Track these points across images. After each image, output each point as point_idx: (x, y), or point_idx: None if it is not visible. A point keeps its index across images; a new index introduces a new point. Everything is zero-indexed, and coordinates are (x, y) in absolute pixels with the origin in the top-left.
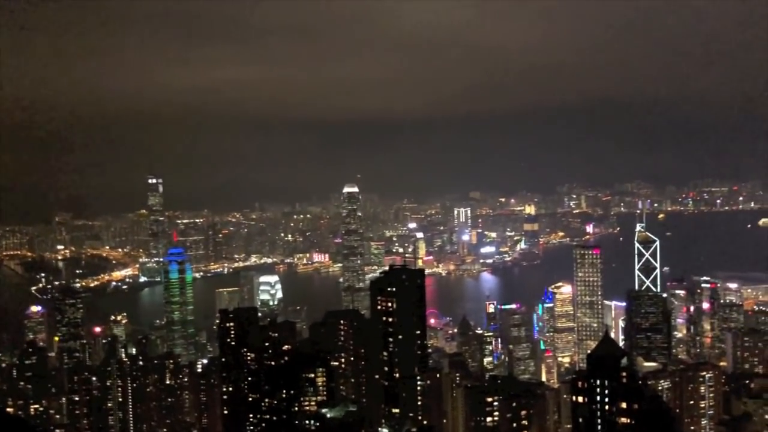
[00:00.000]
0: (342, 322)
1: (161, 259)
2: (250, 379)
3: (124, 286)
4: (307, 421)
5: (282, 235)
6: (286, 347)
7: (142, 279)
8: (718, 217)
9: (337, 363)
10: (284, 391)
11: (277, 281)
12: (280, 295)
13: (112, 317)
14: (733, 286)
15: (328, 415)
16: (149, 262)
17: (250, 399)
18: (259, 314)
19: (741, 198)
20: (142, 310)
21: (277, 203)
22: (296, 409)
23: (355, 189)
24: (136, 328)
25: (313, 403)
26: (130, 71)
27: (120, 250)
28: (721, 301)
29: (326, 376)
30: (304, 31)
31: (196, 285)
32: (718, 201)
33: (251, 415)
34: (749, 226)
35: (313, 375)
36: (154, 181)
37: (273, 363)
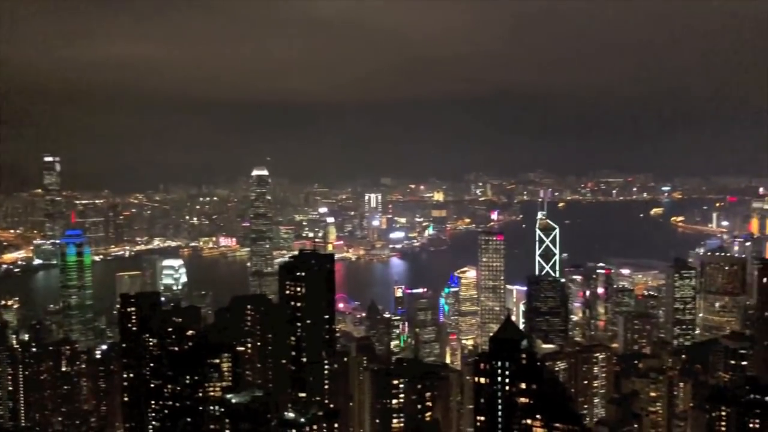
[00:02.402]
0: (249, 307)
1: (58, 241)
2: (152, 365)
3: (17, 269)
4: (211, 407)
5: (187, 217)
6: (190, 332)
7: (37, 262)
8: (614, 207)
9: (243, 348)
10: (188, 377)
11: (182, 265)
12: (184, 279)
13: (3, 302)
14: (625, 272)
15: (234, 401)
16: (45, 244)
17: (152, 385)
18: (163, 299)
19: (635, 189)
20: (36, 294)
21: (183, 185)
22: (200, 395)
23: (265, 172)
24: (28, 313)
25: (218, 389)
26: (25, 43)
27: (12, 231)
28: (615, 286)
29: (232, 362)
30: (214, 9)
31: (96, 268)
32: (614, 191)
33: (153, 402)
34: (642, 215)
35: (218, 361)
36: (51, 159)
37: (176, 349)
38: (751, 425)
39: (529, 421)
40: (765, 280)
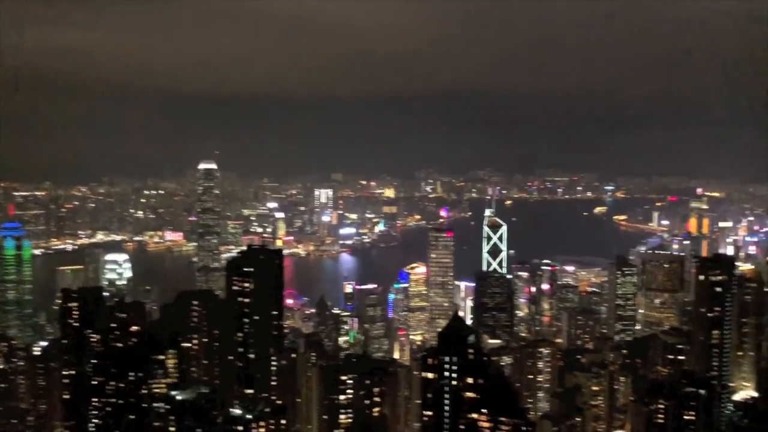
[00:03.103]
0: (195, 302)
1: None
2: (94, 361)
3: None
4: (156, 404)
5: (132, 211)
6: (134, 328)
7: None
8: (559, 205)
9: (189, 345)
10: (131, 374)
11: (126, 260)
12: (128, 274)
13: None
14: (570, 268)
15: (179, 398)
16: None
17: (95, 382)
18: (106, 294)
19: (579, 188)
20: None
21: (128, 177)
22: (144, 392)
23: (213, 165)
24: None
25: (162, 386)
26: None
27: None
28: (559, 282)
29: (177, 358)
30: None
31: (36, 262)
32: (560, 190)
33: (95, 399)
34: (585, 214)
35: (163, 357)
36: None
37: (120, 345)
38: (686, 417)
39: (475, 416)
40: (702, 277)
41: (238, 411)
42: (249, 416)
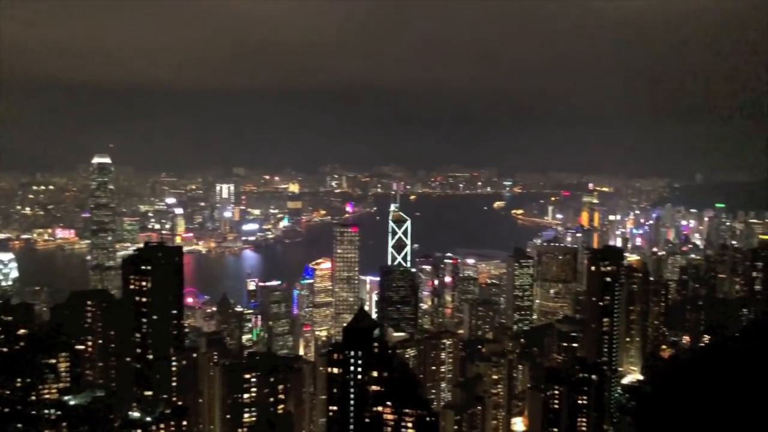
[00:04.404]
0: (89, 303)
1: None
2: None
3: None
4: (46, 411)
5: (19, 207)
6: (22, 331)
7: None
8: (461, 200)
9: (83, 347)
10: (19, 380)
11: (12, 259)
12: (15, 274)
13: None
14: (471, 261)
15: (72, 403)
16: None
17: None
18: None
19: (480, 183)
20: None
21: (14, 172)
22: (34, 398)
23: (107, 159)
24: None
25: (54, 391)
26: None
27: None
28: (461, 275)
29: (70, 362)
30: None
31: None
32: (461, 185)
33: None
34: (485, 208)
35: (54, 361)
36: None
37: (6, 349)
38: (580, 402)
39: (380, 409)
40: (593, 268)
41: (136, 414)
42: (148, 419)
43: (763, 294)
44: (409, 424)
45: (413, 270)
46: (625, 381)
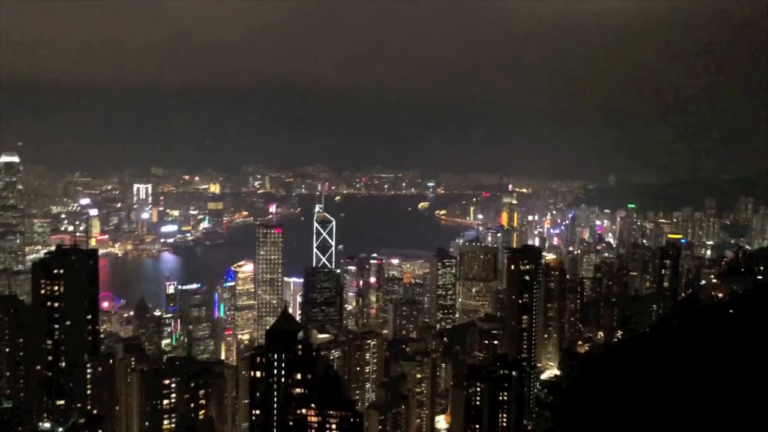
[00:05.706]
0: None
1: None
2: None
3: None
4: None
5: None
6: None
7: None
8: (385, 201)
9: None
10: None
11: None
12: None
13: None
14: (395, 261)
15: None
16: None
17: None
18: None
19: (404, 184)
20: None
21: None
22: None
23: (15, 158)
24: None
25: None
26: None
27: None
28: (386, 275)
29: None
30: None
31: None
32: (386, 186)
33: None
34: (410, 209)
35: None
36: None
37: None
38: (501, 398)
39: (304, 411)
40: (512, 267)
41: (47, 424)
42: (60, 429)
43: (671, 291)
44: (333, 426)
45: (338, 271)
46: (543, 376)
